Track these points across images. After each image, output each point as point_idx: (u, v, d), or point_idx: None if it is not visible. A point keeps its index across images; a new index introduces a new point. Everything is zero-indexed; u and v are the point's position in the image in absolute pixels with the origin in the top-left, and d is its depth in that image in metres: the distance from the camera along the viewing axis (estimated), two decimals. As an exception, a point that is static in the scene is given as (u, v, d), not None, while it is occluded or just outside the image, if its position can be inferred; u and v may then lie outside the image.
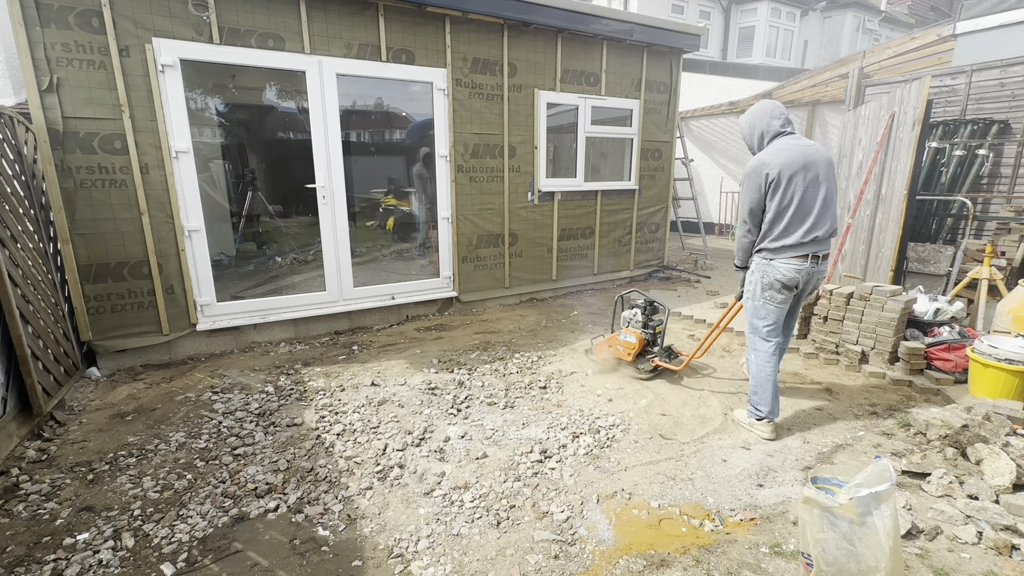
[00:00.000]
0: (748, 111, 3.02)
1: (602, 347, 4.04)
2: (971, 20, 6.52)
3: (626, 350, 3.87)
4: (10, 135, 3.49)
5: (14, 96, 8.29)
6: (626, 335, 3.88)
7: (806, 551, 1.88)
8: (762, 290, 2.96)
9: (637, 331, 3.91)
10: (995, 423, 2.83)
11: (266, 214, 6.88)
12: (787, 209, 2.80)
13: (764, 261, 2.93)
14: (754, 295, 3.00)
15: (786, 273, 2.86)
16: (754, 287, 2.99)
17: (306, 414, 3.32)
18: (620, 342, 3.90)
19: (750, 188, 2.87)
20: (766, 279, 2.93)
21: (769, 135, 2.93)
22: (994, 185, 6.00)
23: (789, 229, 2.82)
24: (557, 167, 6.24)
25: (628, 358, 3.88)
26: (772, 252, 2.89)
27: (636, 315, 3.98)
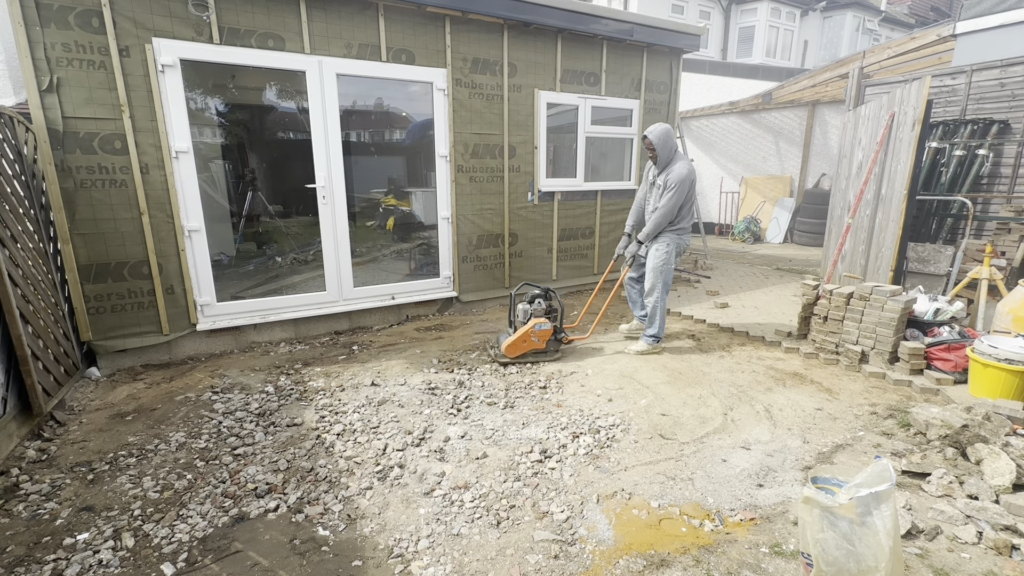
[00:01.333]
0: (663, 129, 4.08)
1: (516, 345, 4.05)
2: (971, 20, 6.51)
3: (542, 339, 4.08)
4: (10, 135, 3.49)
5: (14, 96, 8.29)
6: (540, 325, 4.05)
7: (806, 551, 1.88)
8: (676, 255, 4.26)
9: (544, 319, 4.13)
10: (995, 423, 2.83)
11: (266, 214, 6.88)
12: (691, 202, 4.23)
13: (677, 236, 4.22)
14: (669, 260, 4.21)
15: (687, 244, 4.34)
16: (669, 255, 4.21)
17: (306, 414, 3.32)
18: (536, 333, 4.05)
19: (683, 191, 4.06)
20: (679, 248, 4.26)
21: (674, 148, 4.15)
22: (994, 185, 6.00)
23: (689, 216, 4.26)
24: (557, 167, 6.24)
25: (542, 345, 4.11)
26: (682, 231, 4.24)
27: (539, 304, 4.19)
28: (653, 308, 4.27)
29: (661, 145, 4.05)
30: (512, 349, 4.06)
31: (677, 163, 4.07)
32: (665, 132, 4.05)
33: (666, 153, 4.08)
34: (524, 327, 4.06)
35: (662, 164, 4.12)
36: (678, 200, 4.05)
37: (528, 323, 4.06)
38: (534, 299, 4.22)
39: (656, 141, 4.04)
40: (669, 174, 4.05)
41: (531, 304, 4.19)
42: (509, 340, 4.06)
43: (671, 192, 4.03)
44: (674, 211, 4.09)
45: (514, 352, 4.07)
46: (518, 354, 4.08)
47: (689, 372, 4.00)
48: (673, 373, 3.98)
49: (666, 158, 4.10)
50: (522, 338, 4.04)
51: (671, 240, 4.18)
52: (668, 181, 4.04)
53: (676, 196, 4.03)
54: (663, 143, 4.05)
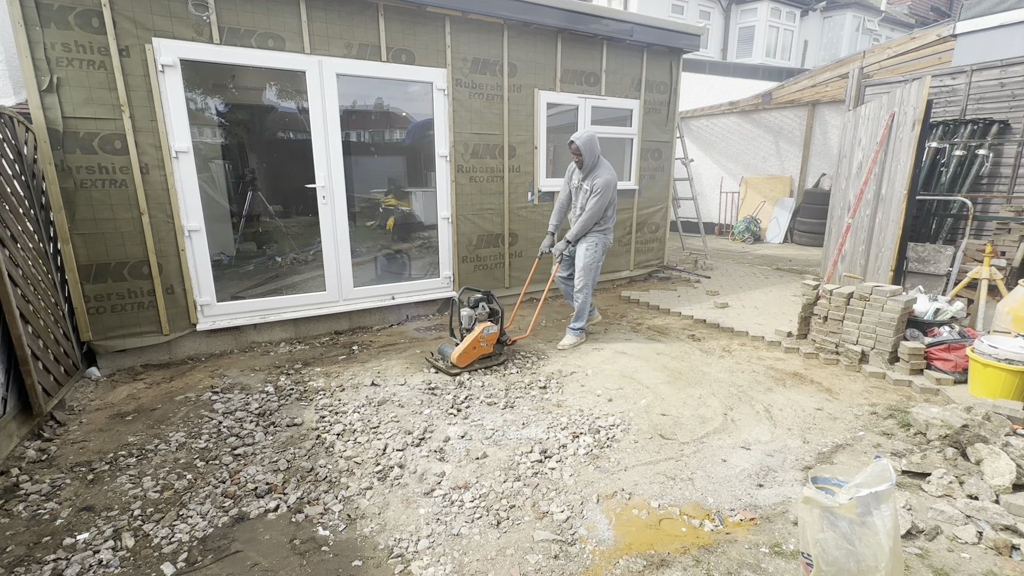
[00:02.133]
0: (589, 135, 4.26)
1: (467, 353, 3.91)
2: (971, 20, 6.51)
3: (490, 343, 4.02)
4: (10, 135, 3.49)
5: (14, 96, 8.29)
6: (488, 329, 3.98)
7: (806, 551, 1.88)
8: (602, 254, 4.51)
9: (489, 322, 4.06)
10: (995, 423, 2.83)
11: (266, 214, 6.87)
12: (614, 205, 4.47)
13: (603, 236, 4.48)
14: (597, 258, 4.47)
15: (611, 242, 4.59)
16: (597, 253, 4.46)
17: (306, 414, 3.32)
18: (484, 338, 3.96)
19: (608, 196, 4.30)
20: (605, 247, 4.52)
21: (598, 154, 4.32)
22: (994, 185, 6.00)
23: (614, 216, 4.54)
24: (557, 167, 6.24)
25: (491, 349, 4.05)
26: (607, 231, 4.50)
27: (483, 308, 4.11)
28: (582, 304, 4.53)
29: (587, 150, 4.22)
30: (464, 358, 3.91)
31: (602, 168, 4.29)
32: (591, 138, 4.23)
33: (592, 159, 4.26)
34: (473, 333, 3.94)
35: (587, 169, 4.29)
36: (604, 203, 4.28)
37: (476, 329, 3.95)
38: (477, 303, 4.12)
39: (583, 146, 4.20)
40: (595, 179, 4.24)
41: (475, 309, 4.09)
42: (460, 349, 3.89)
43: (598, 196, 4.24)
44: (601, 213, 4.33)
45: (466, 360, 3.92)
46: (470, 362, 3.94)
47: (689, 372, 4.00)
48: (673, 373, 3.98)
49: (591, 163, 4.27)
50: (472, 345, 3.91)
51: (599, 240, 4.43)
52: (595, 186, 4.25)
53: (602, 199, 4.26)
54: (589, 148, 4.22)
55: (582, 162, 4.27)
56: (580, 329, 4.62)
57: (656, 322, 5.29)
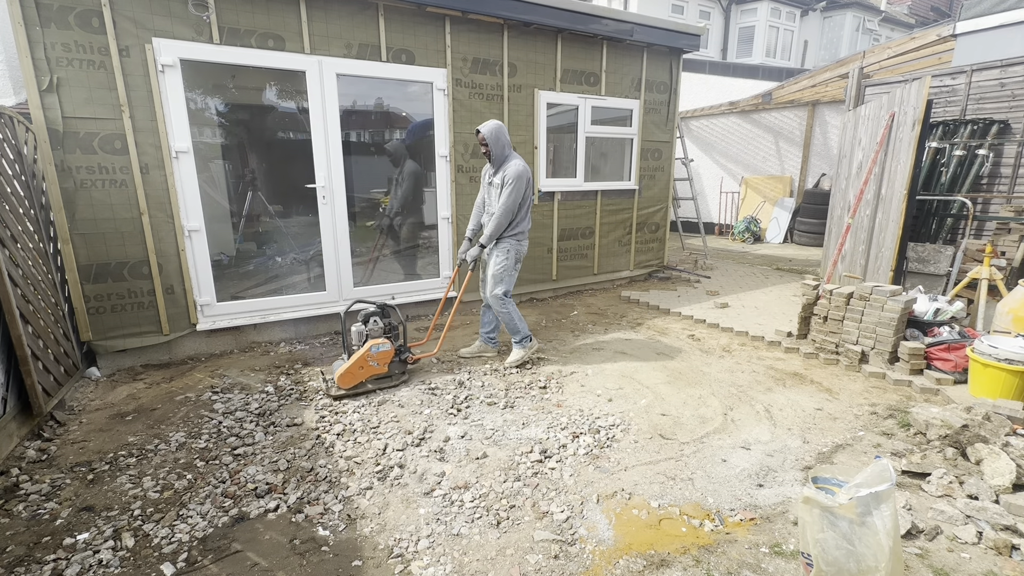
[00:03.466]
0: (495, 125, 3.91)
1: (352, 373, 3.53)
2: (971, 20, 6.51)
3: (382, 362, 3.63)
4: (10, 135, 3.49)
5: (14, 96, 8.29)
6: (378, 347, 3.58)
7: (806, 551, 1.88)
8: (515, 262, 4.06)
9: (383, 339, 3.68)
10: (995, 423, 2.83)
11: (266, 214, 6.87)
12: (527, 204, 4.01)
13: (516, 242, 4.03)
14: (509, 266, 4.03)
15: (525, 251, 4.14)
16: (510, 261, 4.03)
17: (306, 414, 3.32)
18: (374, 356, 3.57)
19: (520, 187, 3.87)
20: (519, 255, 4.08)
21: (509, 147, 3.97)
22: (994, 185, 5.99)
23: (527, 220, 4.06)
24: (557, 167, 6.24)
25: (384, 369, 3.66)
26: (520, 236, 4.05)
27: (376, 324, 3.74)
28: (507, 317, 4.08)
29: (494, 141, 3.89)
30: (347, 378, 3.51)
31: (512, 160, 3.95)
32: (497, 128, 3.91)
33: (500, 150, 3.92)
34: (360, 351, 3.56)
35: (497, 162, 3.97)
36: (516, 197, 3.89)
37: (364, 346, 3.58)
38: (369, 318, 3.75)
39: (489, 136, 3.87)
40: (506, 169, 3.89)
41: (366, 324, 3.72)
42: (343, 368, 3.50)
43: (509, 188, 3.86)
44: (514, 208, 3.92)
45: (350, 381, 3.52)
46: (355, 383, 3.55)
47: (689, 372, 4.00)
48: (673, 373, 3.98)
49: (500, 155, 3.94)
50: (358, 364, 3.53)
51: (510, 246, 4.02)
52: (506, 177, 3.88)
53: (514, 192, 3.87)
54: (496, 139, 3.89)
55: (490, 154, 3.92)
56: (526, 338, 4.15)
57: (656, 322, 5.29)
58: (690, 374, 3.97)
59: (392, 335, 3.82)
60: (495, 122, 3.93)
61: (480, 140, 3.92)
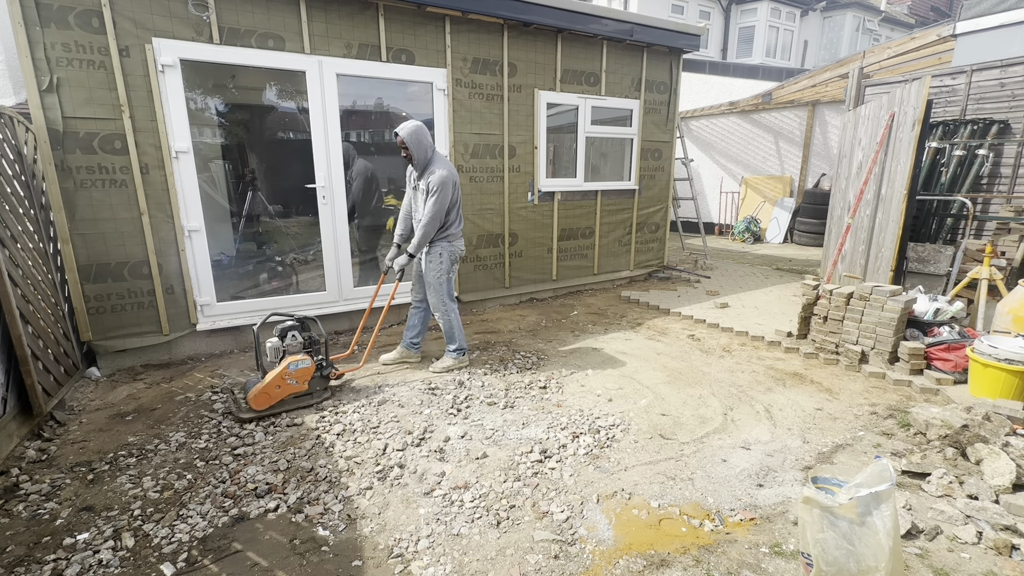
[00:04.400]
0: (414, 126, 3.69)
1: (268, 393, 3.23)
2: (971, 20, 6.51)
3: (301, 380, 3.33)
4: (10, 135, 3.50)
5: (14, 96, 8.30)
6: (296, 364, 3.29)
7: (806, 551, 1.88)
8: (450, 265, 3.94)
9: (302, 355, 3.41)
10: (995, 423, 2.83)
11: (266, 214, 6.87)
12: (456, 207, 3.89)
13: (449, 244, 3.91)
14: (445, 270, 3.92)
15: (462, 250, 4.03)
16: (444, 266, 3.91)
17: (306, 414, 3.32)
18: (292, 374, 3.28)
19: (447, 193, 3.73)
20: (453, 256, 3.95)
21: (432, 149, 3.80)
22: (994, 185, 5.99)
23: (458, 220, 3.94)
24: (557, 167, 6.24)
25: (305, 386, 3.38)
26: (453, 237, 3.93)
27: (294, 338, 3.47)
28: (446, 324, 3.99)
29: (415, 143, 3.67)
30: (262, 399, 3.21)
31: (436, 163, 3.74)
32: (417, 129, 3.67)
33: (422, 152, 3.72)
34: (276, 369, 3.27)
35: (420, 165, 3.77)
36: (443, 204, 3.72)
37: (281, 364, 3.30)
38: (286, 332, 3.47)
39: (408, 139, 3.65)
40: (430, 176, 3.69)
41: (283, 339, 3.44)
42: (257, 388, 3.21)
43: (434, 196, 3.68)
44: (440, 216, 3.75)
45: (265, 402, 3.22)
46: (272, 403, 3.26)
47: (689, 372, 4.00)
48: (673, 373, 3.98)
49: (423, 158, 3.74)
50: (274, 383, 3.23)
51: (443, 249, 3.87)
52: (430, 184, 3.68)
53: (440, 199, 3.69)
54: (416, 141, 3.67)
55: (412, 157, 3.72)
56: (460, 349, 4.05)
57: (656, 322, 5.29)
58: (690, 374, 3.97)
59: (313, 350, 3.53)
60: (414, 123, 3.69)
61: (399, 143, 3.70)
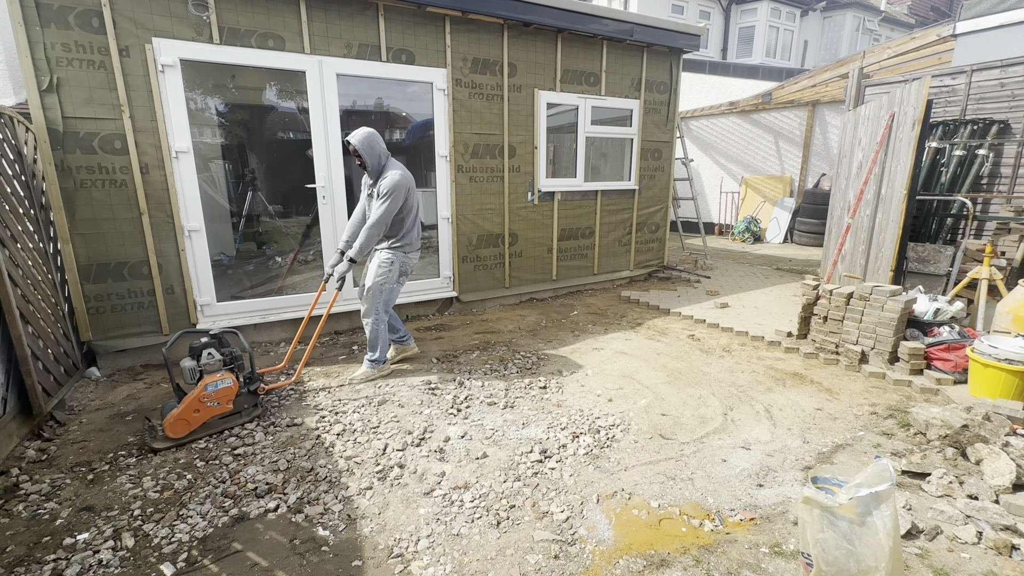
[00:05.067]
0: (366, 133, 3.59)
1: (184, 420, 2.93)
2: (971, 20, 6.51)
3: (224, 400, 3.05)
4: (10, 135, 3.50)
5: (14, 96, 8.30)
6: (215, 384, 3.01)
7: (806, 551, 1.88)
8: (399, 275, 3.82)
9: (222, 373, 3.08)
10: (995, 423, 2.83)
11: (266, 214, 6.87)
12: (412, 215, 3.77)
13: (403, 254, 3.79)
14: (388, 279, 3.77)
15: (414, 263, 3.91)
16: (389, 273, 3.76)
17: (306, 414, 3.32)
18: (212, 395, 2.99)
19: (398, 198, 3.60)
20: (404, 268, 3.83)
21: (385, 155, 3.69)
22: (994, 185, 5.99)
23: (414, 231, 3.82)
24: (557, 167, 6.24)
25: (229, 406, 3.10)
26: (407, 247, 3.80)
27: (211, 355, 3.09)
28: (372, 332, 3.81)
29: (367, 150, 3.57)
30: (179, 426, 2.90)
31: (389, 170, 3.62)
32: (369, 136, 3.57)
33: (375, 159, 3.61)
34: (192, 392, 2.96)
35: (374, 172, 3.65)
36: (392, 208, 3.58)
37: (197, 385, 2.99)
38: (200, 351, 3.07)
39: (360, 146, 3.55)
40: (382, 180, 3.58)
41: (198, 360, 3.05)
42: (172, 416, 2.90)
43: (383, 200, 3.55)
44: (387, 221, 3.62)
45: (183, 429, 2.92)
46: (193, 428, 2.96)
47: (689, 372, 4.00)
48: (673, 373, 3.98)
49: (376, 165, 3.63)
50: (191, 407, 2.93)
51: (393, 257, 3.75)
52: (381, 188, 3.57)
53: (390, 204, 3.56)
54: (369, 148, 3.57)
55: (365, 164, 3.62)
56: (376, 361, 3.88)
57: (656, 322, 5.29)
58: (690, 374, 3.97)
59: (235, 366, 3.19)
60: (366, 130, 3.59)
61: (352, 151, 3.61)
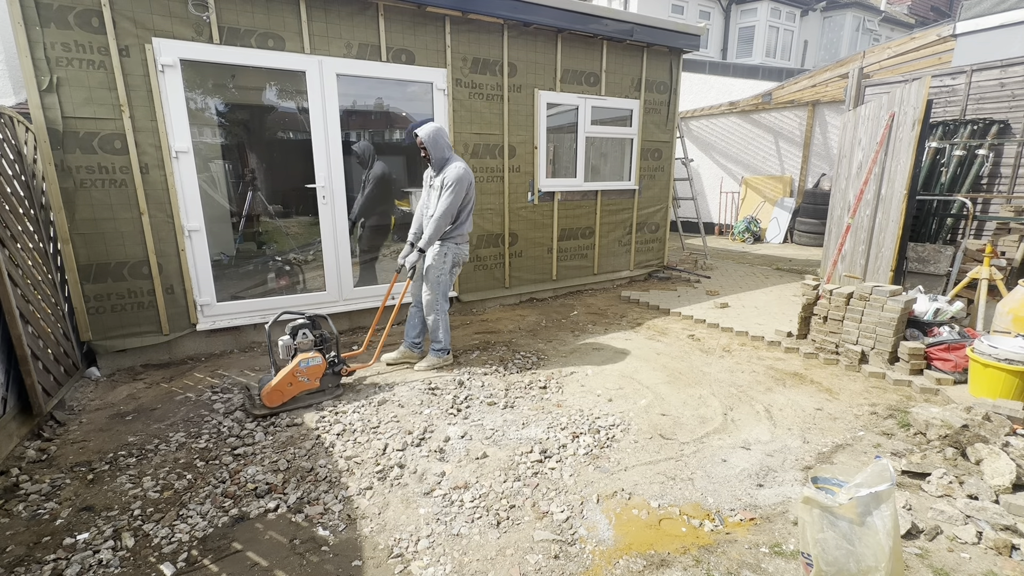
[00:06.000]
0: (433, 127, 3.83)
1: (280, 390, 3.27)
2: (971, 20, 6.51)
3: (312, 377, 3.37)
4: (10, 135, 3.50)
5: (14, 96, 8.30)
6: (307, 361, 3.32)
7: (806, 551, 1.88)
8: (451, 267, 3.99)
9: (313, 352, 3.42)
10: (995, 423, 2.83)
11: (266, 214, 6.87)
12: (468, 208, 3.95)
13: (455, 245, 3.97)
14: (445, 271, 3.96)
15: (466, 256, 4.10)
16: (447, 266, 3.96)
17: (306, 414, 3.32)
18: (303, 371, 3.32)
19: (461, 190, 3.81)
20: (456, 259, 4.01)
21: (449, 149, 3.91)
22: (994, 185, 5.99)
23: (467, 223, 4.00)
24: (557, 167, 6.24)
25: (316, 383, 3.42)
26: (461, 239, 3.99)
27: (305, 336, 3.47)
28: (435, 323, 4.03)
29: (432, 143, 3.80)
30: (275, 396, 3.25)
31: (453, 163, 3.85)
32: (436, 130, 3.82)
33: (439, 152, 3.84)
34: (288, 367, 3.29)
35: (437, 165, 3.89)
36: (456, 200, 3.80)
37: (293, 361, 3.32)
38: (297, 330, 3.47)
39: (427, 139, 3.79)
40: (446, 174, 3.81)
41: (294, 337, 3.44)
42: (269, 387, 3.23)
43: (449, 191, 3.78)
44: (454, 212, 3.83)
45: (278, 399, 3.27)
46: (285, 400, 3.30)
47: (689, 372, 4.00)
48: (673, 373, 3.98)
49: (440, 158, 3.86)
50: (286, 380, 3.27)
51: (448, 249, 3.95)
52: (446, 179, 3.79)
53: (455, 195, 3.78)
54: (434, 141, 3.81)
55: (430, 157, 3.86)
56: (443, 350, 4.08)
57: (656, 322, 5.29)
58: (690, 374, 3.97)
59: (324, 347, 3.54)
60: (434, 124, 3.84)
61: (419, 143, 3.84)
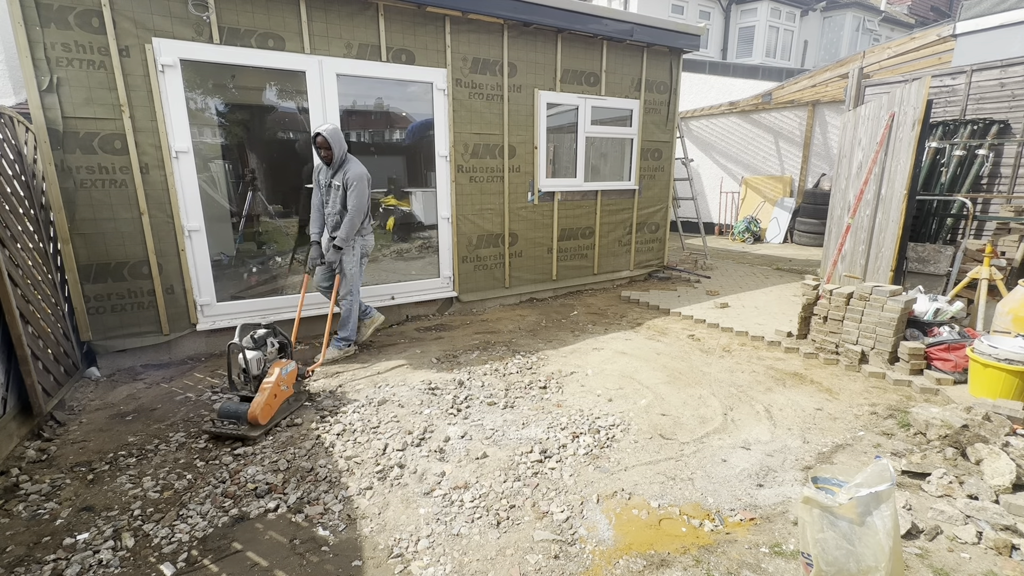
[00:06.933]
0: (335, 128, 4.01)
1: (270, 406, 3.19)
2: (971, 20, 6.51)
3: (290, 384, 3.39)
4: (10, 135, 3.50)
5: (14, 96, 8.30)
6: (286, 368, 3.33)
7: (806, 551, 1.88)
8: (361, 257, 4.25)
9: (285, 359, 3.45)
10: (995, 423, 2.83)
11: (266, 214, 6.87)
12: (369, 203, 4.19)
13: (362, 238, 4.21)
14: (356, 262, 4.21)
15: (372, 245, 4.34)
16: (357, 257, 4.20)
17: (306, 414, 3.32)
18: (284, 379, 3.30)
19: (365, 186, 4.05)
20: (364, 250, 4.26)
21: (345, 148, 4.07)
22: (994, 185, 5.99)
23: (369, 216, 4.26)
24: (557, 167, 6.24)
25: (292, 391, 3.42)
26: (364, 231, 4.22)
27: (271, 346, 3.43)
28: (347, 311, 4.26)
29: (335, 143, 3.95)
30: (267, 411, 3.16)
31: (351, 161, 4.05)
32: (336, 130, 3.99)
33: (340, 152, 4.00)
34: (271, 380, 3.20)
35: (336, 164, 4.03)
36: (363, 195, 4.02)
37: (274, 372, 3.25)
38: (263, 341, 3.38)
39: (330, 138, 3.92)
40: (347, 173, 3.99)
41: (263, 349, 3.36)
42: (259, 403, 3.10)
43: (354, 189, 3.97)
44: (365, 205, 4.07)
45: (269, 414, 3.19)
46: (273, 413, 3.23)
47: (689, 372, 4.00)
48: (673, 373, 3.98)
49: (340, 156, 4.01)
50: (273, 394, 3.20)
51: (357, 243, 4.17)
52: (348, 180, 3.98)
53: (360, 191, 4.00)
54: (336, 141, 3.96)
55: (331, 156, 3.98)
56: (346, 340, 4.30)
57: (656, 322, 5.29)
58: (690, 374, 3.97)
59: (286, 353, 3.54)
60: (334, 124, 4.01)
61: (320, 143, 3.95)
